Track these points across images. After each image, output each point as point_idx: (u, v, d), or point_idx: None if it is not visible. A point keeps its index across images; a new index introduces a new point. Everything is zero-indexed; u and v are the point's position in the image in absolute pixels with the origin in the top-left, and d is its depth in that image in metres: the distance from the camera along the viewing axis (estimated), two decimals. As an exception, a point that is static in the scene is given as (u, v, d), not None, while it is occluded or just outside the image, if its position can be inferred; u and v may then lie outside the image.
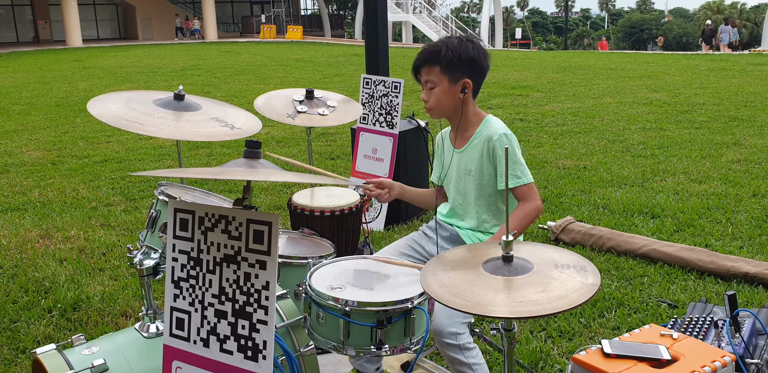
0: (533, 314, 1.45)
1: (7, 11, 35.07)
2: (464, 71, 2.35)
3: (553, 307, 1.47)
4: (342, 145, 7.57)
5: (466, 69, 2.35)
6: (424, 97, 2.42)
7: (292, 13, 42.16)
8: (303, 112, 3.27)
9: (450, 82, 2.36)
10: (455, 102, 2.39)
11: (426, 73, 2.38)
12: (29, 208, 5.38)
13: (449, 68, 2.34)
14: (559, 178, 5.88)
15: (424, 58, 2.38)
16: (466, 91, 2.37)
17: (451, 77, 2.35)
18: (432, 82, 2.37)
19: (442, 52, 2.33)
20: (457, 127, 2.47)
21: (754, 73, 13.67)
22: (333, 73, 16.26)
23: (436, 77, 2.36)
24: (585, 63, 17.20)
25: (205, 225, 1.54)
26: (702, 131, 7.86)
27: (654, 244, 3.97)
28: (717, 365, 1.78)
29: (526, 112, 9.52)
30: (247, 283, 1.49)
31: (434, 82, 2.37)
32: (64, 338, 3.11)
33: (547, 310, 1.46)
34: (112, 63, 20.12)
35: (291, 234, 2.77)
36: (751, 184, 5.53)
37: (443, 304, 1.52)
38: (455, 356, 2.22)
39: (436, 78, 2.36)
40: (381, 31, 5.12)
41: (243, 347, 1.51)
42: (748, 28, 55.74)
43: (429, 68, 2.37)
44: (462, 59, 2.33)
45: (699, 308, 2.62)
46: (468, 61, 2.33)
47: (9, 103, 11.72)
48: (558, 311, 1.46)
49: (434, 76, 2.36)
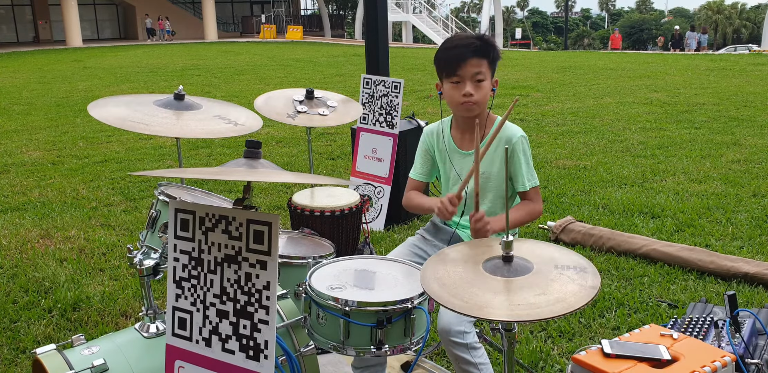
0: (531, 318, 1.45)
1: (7, 11, 35.07)
2: (495, 69, 2.34)
3: (551, 310, 1.47)
4: (342, 145, 7.57)
5: (495, 67, 2.34)
6: (470, 91, 2.27)
7: (292, 13, 42.15)
8: (303, 112, 3.27)
9: (491, 78, 2.33)
10: (488, 99, 2.36)
11: (475, 65, 2.26)
12: (29, 208, 5.38)
13: (493, 64, 2.31)
14: (559, 178, 5.88)
15: (474, 50, 2.26)
16: (495, 90, 2.36)
17: (492, 73, 2.33)
18: (483, 75, 2.28)
19: (489, 47, 2.28)
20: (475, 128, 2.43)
21: (754, 73, 13.67)
22: (333, 73, 16.26)
23: (485, 70, 2.29)
24: (585, 63, 17.19)
25: (205, 225, 1.55)
26: (702, 131, 7.87)
27: (654, 244, 3.97)
28: (717, 365, 1.78)
29: (526, 112, 9.52)
30: (248, 283, 1.50)
31: (484, 75, 2.29)
32: (64, 338, 3.11)
33: (545, 313, 1.46)
34: (112, 63, 20.12)
35: (291, 234, 2.77)
36: (751, 184, 5.53)
37: (442, 305, 1.52)
38: (462, 355, 2.22)
39: (485, 71, 2.29)
40: (381, 31, 5.12)
41: (245, 347, 1.51)
42: (748, 28, 55.74)
43: (478, 61, 2.27)
44: (498, 56, 2.32)
45: (699, 308, 2.62)
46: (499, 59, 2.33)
47: (9, 103, 11.72)
48: (556, 315, 1.46)
49: (484, 69, 2.28)
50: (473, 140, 2.39)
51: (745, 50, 26.46)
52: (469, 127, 2.42)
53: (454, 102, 2.33)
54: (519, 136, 2.35)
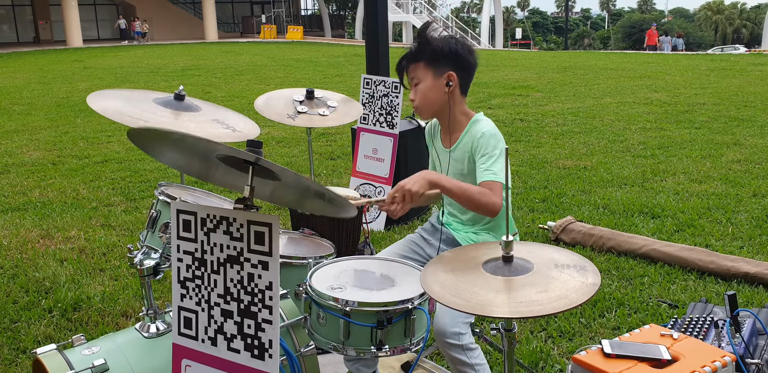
0: (534, 314, 1.46)
1: (8, 11, 35.09)
2: (449, 64, 2.31)
3: (554, 307, 1.47)
4: (342, 145, 7.57)
5: (450, 62, 2.31)
6: (411, 97, 2.37)
7: (292, 14, 42.17)
8: (303, 113, 3.27)
9: (434, 76, 2.31)
10: (441, 97, 2.33)
11: (411, 70, 2.33)
12: (30, 208, 5.39)
13: (433, 62, 2.30)
14: (559, 178, 5.88)
15: (407, 57, 2.33)
16: (451, 84, 2.31)
17: (436, 71, 2.31)
18: (417, 78, 2.33)
19: (423, 47, 2.30)
20: (447, 126, 2.42)
21: (755, 73, 13.68)
22: (333, 73, 16.27)
23: (420, 73, 2.32)
24: (585, 63, 17.20)
25: (207, 226, 1.55)
26: (702, 131, 7.87)
27: (654, 244, 3.97)
28: (717, 365, 1.78)
29: (527, 112, 9.52)
30: (251, 283, 1.50)
31: (419, 78, 2.33)
32: (64, 338, 3.11)
33: (548, 310, 1.46)
34: (113, 63, 20.13)
35: (291, 234, 2.78)
36: (752, 184, 5.53)
37: (444, 304, 1.53)
38: (458, 357, 2.22)
39: (421, 73, 2.32)
40: (381, 31, 5.12)
41: (250, 346, 1.52)
42: (748, 28, 55.76)
43: (414, 66, 2.32)
44: (444, 52, 2.30)
45: (699, 308, 2.62)
46: (451, 53, 2.30)
47: (9, 103, 11.73)
48: (559, 311, 1.46)
49: (419, 72, 2.32)
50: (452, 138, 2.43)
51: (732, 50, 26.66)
52: (445, 127, 2.45)
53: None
54: (482, 132, 2.29)
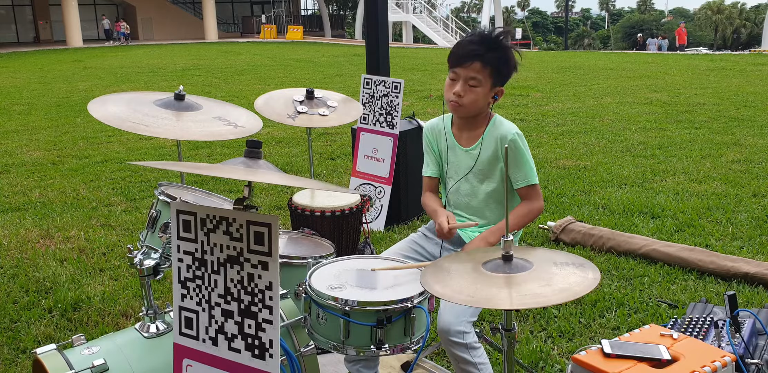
0: (540, 305, 1.47)
1: (8, 11, 35.08)
2: (505, 80, 2.31)
3: (558, 298, 1.48)
4: (342, 145, 7.57)
5: (507, 78, 2.31)
6: (459, 91, 2.27)
7: (292, 14, 42.16)
8: (303, 113, 3.26)
9: (491, 87, 2.29)
10: (485, 107, 2.34)
11: (473, 69, 2.24)
12: (30, 208, 5.39)
13: (497, 73, 2.27)
14: (559, 178, 5.88)
15: (478, 53, 2.23)
16: (497, 98, 2.34)
17: (495, 82, 2.29)
18: (477, 81, 2.26)
19: (500, 55, 2.25)
20: (467, 126, 2.42)
21: (754, 73, 13.68)
22: (333, 73, 16.27)
23: (483, 77, 2.26)
24: (585, 63, 17.20)
25: (207, 227, 1.55)
26: (702, 131, 7.87)
27: (654, 244, 3.97)
28: (717, 365, 1.78)
29: (527, 112, 9.53)
30: (251, 283, 1.51)
31: (479, 82, 2.26)
32: (64, 338, 3.11)
33: (553, 301, 1.47)
34: (113, 63, 20.13)
35: (291, 234, 2.78)
36: (751, 184, 5.53)
37: (449, 301, 1.53)
38: (461, 355, 2.22)
39: (483, 78, 2.26)
40: (381, 31, 5.12)
41: (250, 346, 1.52)
42: (748, 28, 55.75)
43: (480, 65, 2.24)
44: (510, 68, 2.28)
45: (699, 308, 2.62)
46: (512, 70, 2.30)
47: (9, 103, 11.73)
48: (563, 301, 1.47)
49: (482, 76, 2.25)
50: (469, 137, 2.42)
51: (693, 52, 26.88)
52: (464, 125, 2.43)
53: (446, 97, 2.37)
54: (513, 134, 2.34)
